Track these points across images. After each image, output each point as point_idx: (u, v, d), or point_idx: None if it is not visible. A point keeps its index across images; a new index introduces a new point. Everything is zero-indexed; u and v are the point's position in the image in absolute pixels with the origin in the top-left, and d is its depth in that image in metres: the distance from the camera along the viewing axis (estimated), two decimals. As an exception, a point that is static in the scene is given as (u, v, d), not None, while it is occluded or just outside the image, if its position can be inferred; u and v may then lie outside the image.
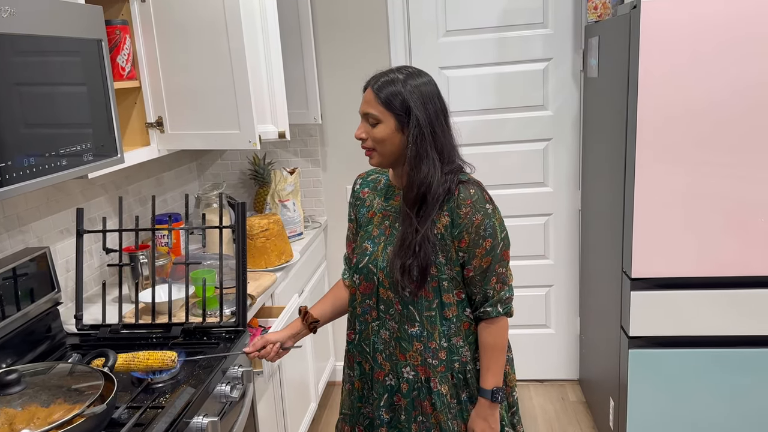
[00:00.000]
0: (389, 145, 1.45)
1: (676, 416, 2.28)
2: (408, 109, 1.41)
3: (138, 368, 1.50)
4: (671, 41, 2.00)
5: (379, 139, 1.44)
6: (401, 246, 1.44)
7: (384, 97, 1.42)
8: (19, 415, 1.18)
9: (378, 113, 1.43)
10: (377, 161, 1.49)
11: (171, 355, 1.52)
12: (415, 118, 1.41)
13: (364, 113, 1.46)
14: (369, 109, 1.44)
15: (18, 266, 1.67)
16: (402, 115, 1.42)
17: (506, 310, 1.50)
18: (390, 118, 1.43)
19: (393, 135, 1.44)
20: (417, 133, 1.41)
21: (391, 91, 1.42)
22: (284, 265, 2.39)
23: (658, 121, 2.06)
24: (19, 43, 1.28)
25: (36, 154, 1.32)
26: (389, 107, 1.42)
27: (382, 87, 1.43)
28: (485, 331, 1.50)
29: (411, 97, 1.41)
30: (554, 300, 3.15)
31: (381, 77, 1.45)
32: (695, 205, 2.11)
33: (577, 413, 2.97)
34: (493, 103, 2.94)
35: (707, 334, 2.20)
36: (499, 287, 1.49)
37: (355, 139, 1.52)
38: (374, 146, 1.46)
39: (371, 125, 1.45)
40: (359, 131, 1.47)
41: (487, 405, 1.50)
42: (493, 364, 1.50)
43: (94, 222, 2.20)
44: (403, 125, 1.43)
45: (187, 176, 3.02)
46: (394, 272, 1.46)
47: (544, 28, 2.84)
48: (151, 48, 2.09)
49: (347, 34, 2.93)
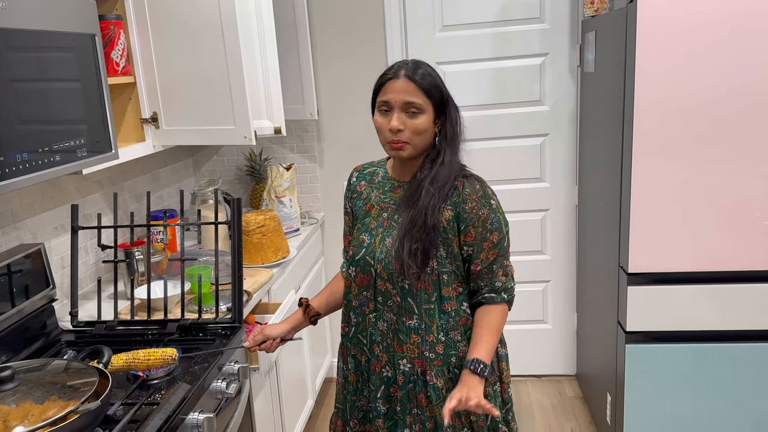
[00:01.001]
0: (426, 136, 1.43)
1: (673, 411, 2.28)
2: (446, 101, 1.42)
3: (139, 368, 1.49)
4: (668, 36, 1.99)
5: (420, 130, 1.41)
6: (412, 227, 1.42)
7: (426, 85, 1.39)
8: (13, 411, 1.17)
9: (422, 102, 1.39)
10: (409, 153, 1.44)
11: (171, 352, 1.51)
12: (453, 110, 1.42)
13: (406, 102, 1.39)
14: (411, 98, 1.39)
15: (12, 263, 1.67)
16: (438, 106, 1.41)
17: (509, 297, 1.51)
18: (430, 108, 1.41)
19: (431, 126, 1.43)
20: (454, 126, 1.43)
21: (431, 80, 1.40)
22: (281, 262, 2.38)
23: (655, 117, 2.06)
24: (11, 38, 1.26)
25: (29, 150, 1.31)
26: (431, 97, 1.40)
27: (420, 75, 1.39)
28: (483, 312, 1.48)
29: (443, 86, 1.42)
30: (551, 295, 3.15)
31: (411, 65, 1.42)
32: (692, 200, 2.11)
33: (574, 408, 2.97)
34: (490, 99, 2.94)
35: (704, 329, 2.20)
36: (505, 279, 1.50)
37: (352, 134, 1.51)
38: (410, 138, 1.41)
39: (410, 115, 1.40)
40: (397, 122, 1.40)
41: (467, 373, 1.42)
42: (481, 340, 1.45)
43: (89, 218, 2.19)
44: (437, 116, 1.42)
45: (183, 172, 3.01)
46: (399, 254, 1.44)
47: (540, 23, 2.83)
48: (145, 43, 2.08)
49: (343, 29, 2.92)
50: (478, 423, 1.52)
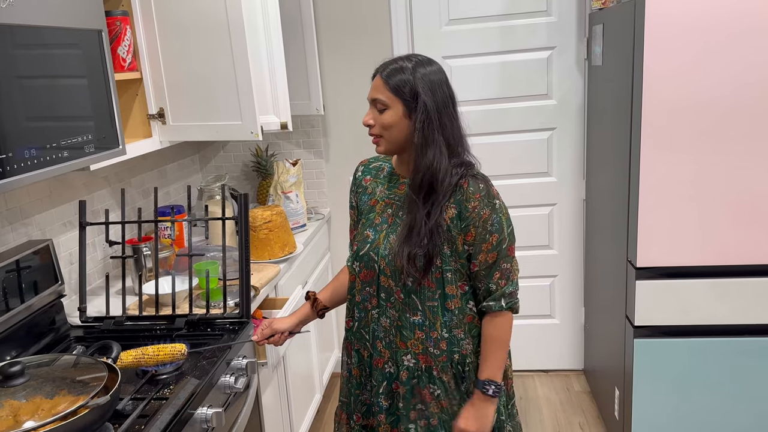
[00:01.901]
0: (396, 131, 1.44)
1: (681, 406, 2.28)
2: (416, 95, 1.41)
3: (148, 364, 1.49)
4: (676, 29, 1.98)
5: (387, 125, 1.44)
6: (409, 234, 1.43)
7: (393, 83, 1.42)
8: (24, 406, 1.18)
9: (386, 99, 1.43)
10: (384, 148, 1.48)
11: (180, 347, 1.52)
12: (422, 104, 1.41)
13: (373, 99, 1.46)
14: (377, 95, 1.44)
15: (21, 259, 1.67)
16: (410, 101, 1.42)
17: (510, 304, 1.48)
18: (398, 104, 1.42)
19: (400, 121, 1.43)
20: (424, 118, 1.41)
21: (400, 77, 1.42)
22: (287, 257, 2.39)
23: (664, 110, 2.04)
24: (18, 34, 1.27)
25: (37, 146, 1.31)
26: (397, 93, 1.42)
27: (391, 74, 1.43)
28: (489, 324, 1.50)
29: (419, 83, 1.41)
30: (559, 290, 3.14)
31: (390, 64, 1.45)
32: (700, 194, 2.09)
33: (581, 403, 2.97)
34: (497, 93, 2.92)
35: (713, 324, 2.19)
36: (503, 283, 1.48)
37: (358, 129, 1.51)
38: (381, 133, 1.46)
39: (379, 111, 1.45)
40: (367, 117, 1.47)
41: (479, 397, 1.48)
42: (491, 356, 1.49)
43: (97, 214, 2.19)
44: (411, 111, 1.42)
45: (190, 168, 3.02)
46: (398, 259, 1.45)
47: (547, 16, 2.82)
48: (152, 39, 2.08)
49: (349, 24, 2.91)
50: None
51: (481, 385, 1.48)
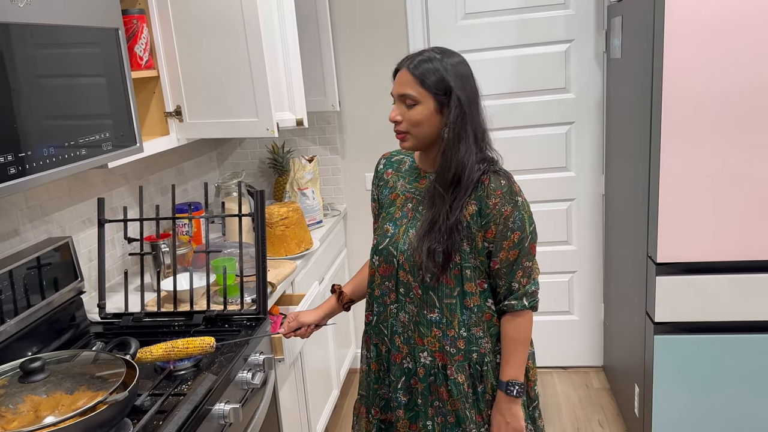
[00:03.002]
0: (426, 127, 1.41)
1: (703, 403, 2.24)
2: (448, 89, 1.37)
3: (178, 357, 1.50)
4: (697, 20, 1.94)
5: (416, 122, 1.40)
6: (430, 229, 1.41)
7: (423, 77, 1.37)
8: (44, 402, 1.19)
9: (416, 94, 1.38)
10: (411, 144, 1.44)
11: (209, 340, 1.53)
12: (456, 99, 1.37)
13: (401, 95, 1.40)
14: (406, 90, 1.39)
15: (42, 256, 1.69)
16: (441, 96, 1.38)
17: (531, 303, 1.47)
18: (429, 99, 1.38)
19: (431, 117, 1.40)
20: (458, 114, 1.37)
21: (430, 69, 1.38)
22: (304, 253, 2.39)
23: (684, 103, 2.01)
24: (37, 34, 1.28)
25: (55, 144, 1.33)
26: (428, 88, 1.38)
27: (418, 66, 1.38)
28: (508, 323, 1.48)
29: (450, 77, 1.37)
30: (578, 286, 3.11)
31: (416, 57, 1.40)
32: (722, 188, 2.06)
33: (601, 400, 2.94)
34: (514, 87, 2.90)
35: (735, 320, 2.15)
36: (525, 281, 1.46)
37: (374, 125, 1.50)
38: (409, 129, 1.42)
39: (407, 107, 1.40)
40: (394, 113, 1.42)
41: (502, 398, 1.48)
42: (512, 356, 1.47)
43: (116, 211, 2.22)
44: (442, 106, 1.39)
45: (207, 165, 3.04)
46: (417, 255, 1.43)
47: (565, 9, 2.78)
48: (168, 37, 2.09)
49: (364, 19, 2.90)
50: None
51: (504, 387, 1.47)
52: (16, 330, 1.59)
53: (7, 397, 1.19)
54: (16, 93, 1.23)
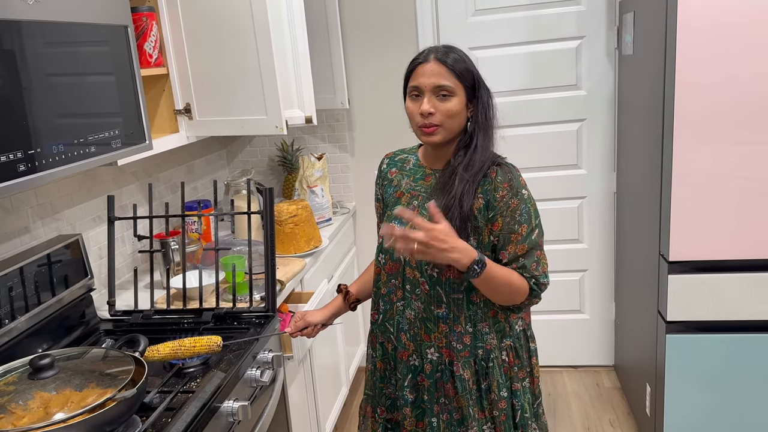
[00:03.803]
0: (458, 119, 1.41)
1: (715, 403, 2.22)
2: (478, 83, 1.39)
3: (185, 355, 1.51)
4: (711, 16, 1.91)
5: (452, 113, 1.39)
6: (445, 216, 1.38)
7: (459, 68, 1.37)
8: (54, 398, 1.19)
9: (453, 85, 1.37)
10: (441, 138, 1.42)
11: (216, 339, 1.53)
12: (485, 92, 1.40)
13: (437, 86, 1.38)
14: (442, 81, 1.37)
15: (52, 253, 1.70)
16: (470, 89, 1.39)
17: (536, 287, 1.43)
18: (462, 91, 1.39)
19: (463, 109, 1.40)
20: (486, 108, 1.40)
21: (458, 60, 1.38)
22: (313, 251, 2.39)
23: (698, 99, 1.98)
24: (46, 31, 1.28)
25: (65, 142, 1.33)
26: (463, 80, 1.38)
27: (450, 58, 1.38)
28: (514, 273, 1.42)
29: (475, 69, 1.40)
30: (588, 285, 3.09)
31: (441, 49, 1.40)
32: (735, 185, 2.03)
33: (612, 399, 2.92)
34: (525, 84, 2.88)
35: (748, 319, 2.13)
36: (534, 266, 1.43)
37: (383, 123, 1.49)
38: (443, 122, 1.39)
39: (441, 98, 1.38)
40: (427, 105, 1.38)
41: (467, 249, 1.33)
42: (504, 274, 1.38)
43: (125, 209, 2.22)
44: (470, 99, 1.40)
45: (217, 163, 3.04)
46: None
47: (576, 5, 2.76)
48: (177, 34, 2.09)
49: (374, 15, 2.89)
50: (500, 417, 1.50)
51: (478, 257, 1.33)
52: (27, 327, 1.59)
53: (17, 394, 1.20)
54: (26, 90, 1.23)
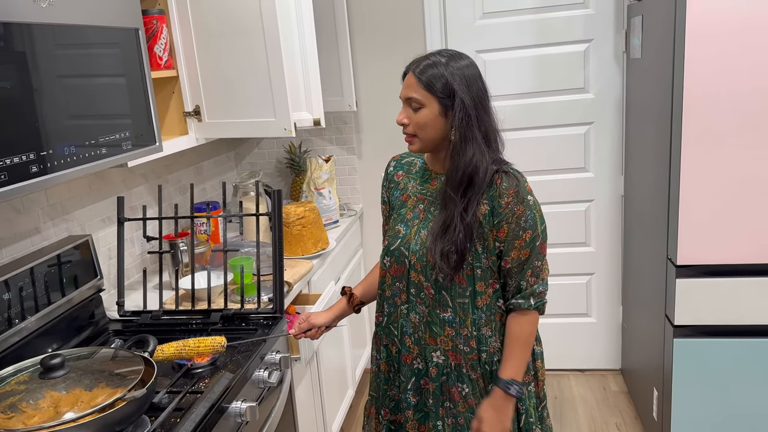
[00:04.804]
0: (432, 130, 1.42)
1: (723, 407, 2.21)
2: (452, 93, 1.38)
3: (190, 356, 1.52)
4: (720, 20, 1.91)
5: (422, 125, 1.41)
6: (444, 231, 1.41)
7: (427, 80, 1.39)
8: (64, 398, 1.20)
9: (421, 97, 1.40)
10: (418, 147, 1.46)
11: (220, 340, 1.53)
12: (460, 101, 1.38)
13: (407, 98, 1.43)
14: (411, 94, 1.41)
15: (62, 253, 1.71)
16: (445, 99, 1.39)
17: (538, 304, 1.46)
18: (433, 103, 1.40)
19: (436, 119, 1.41)
20: (462, 116, 1.38)
21: (434, 74, 1.39)
22: (320, 253, 2.39)
23: (706, 103, 1.98)
24: (58, 34, 1.29)
25: (76, 143, 1.34)
26: (432, 91, 1.39)
27: (424, 70, 1.40)
28: (513, 321, 1.47)
29: (454, 80, 1.38)
30: (595, 288, 3.08)
31: (422, 61, 1.42)
32: (744, 189, 2.02)
33: (618, 403, 2.91)
34: (532, 87, 2.88)
35: (756, 323, 2.12)
36: (533, 281, 1.45)
37: (390, 125, 1.50)
38: (416, 132, 1.43)
39: (414, 110, 1.42)
40: (401, 116, 1.44)
41: (500, 395, 1.46)
42: (515, 356, 1.46)
43: (135, 210, 2.24)
44: (447, 109, 1.40)
45: (225, 165, 3.05)
46: (431, 256, 1.43)
47: (584, 8, 2.76)
48: (187, 37, 2.10)
49: (382, 19, 2.90)
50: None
51: (503, 384, 1.45)
52: (37, 327, 1.61)
53: (28, 393, 1.21)
54: (38, 92, 1.24)
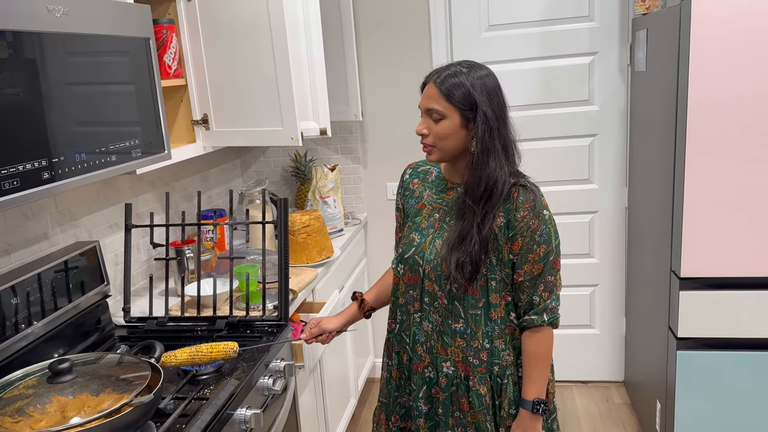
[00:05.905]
0: (452, 141, 1.42)
1: (726, 421, 2.20)
2: (474, 104, 1.38)
3: (202, 361, 1.53)
4: (724, 33, 1.93)
5: (442, 136, 1.41)
6: (461, 242, 1.42)
7: (448, 92, 1.39)
8: (71, 403, 1.21)
9: (442, 108, 1.39)
10: (437, 157, 1.46)
11: (233, 345, 1.54)
12: (482, 114, 1.38)
13: (427, 109, 1.42)
14: (432, 105, 1.41)
15: (69, 259, 1.73)
16: (467, 111, 1.39)
17: (552, 319, 1.46)
18: (455, 114, 1.39)
19: (457, 131, 1.41)
20: (485, 128, 1.38)
21: (456, 84, 1.38)
22: (325, 261, 2.40)
23: (709, 116, 1.99)
24: (69, 42, 1.31)
25: (86, 151, 1.36)
26: (454, 102, 1.39)
27: (445, 81, 1.39)
28: (529, 339, 1.47)
29: (476, 91, 1.38)
30: (599, 300, 3.08)
31: (443, 71, 1.42)
32: (748, 202, 2.03)
33: (621, 415, 2.90)
34: (537, 99, 2.89)
35: (761, 337, 2.11)
36: (546, 295, 1.45)
37: (395, 135, 1.51)
38: (435, 143, 1.43)
39: (434, 121, 1.42)
40: (420, 127, 1.44)
41: (527, 416, 1.47)
42: (536, 375, 1.47)
43: (142, 217, 2.25)
44: (468, 121, 1.40)
45: (232, 173, 3.07)
46: (445, 266, 1.44)
47: (589, 22, 2.78)
48: (196, 46, 2.13)
49: (388, 30, 2.93)
50: None
51: (531, 406, 1.46)
52: (44, 332, 1.62)
53: (36, 397, 1.22)
54: (49, 100, 1.26)
